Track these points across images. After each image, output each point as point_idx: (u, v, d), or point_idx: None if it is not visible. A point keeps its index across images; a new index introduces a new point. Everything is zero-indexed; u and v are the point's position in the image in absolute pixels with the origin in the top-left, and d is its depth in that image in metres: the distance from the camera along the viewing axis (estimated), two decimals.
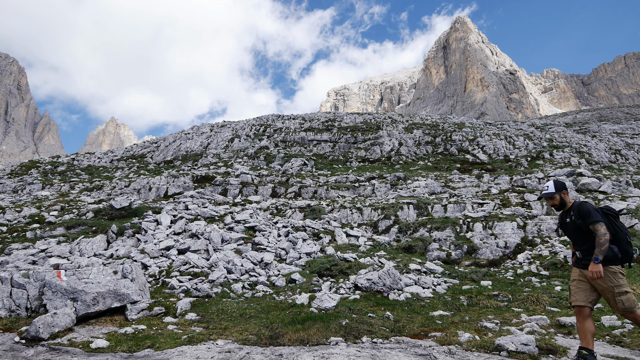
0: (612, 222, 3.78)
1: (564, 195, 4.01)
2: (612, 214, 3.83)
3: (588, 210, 3.75)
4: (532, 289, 7.37)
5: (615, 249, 3.70)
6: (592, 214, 3.72)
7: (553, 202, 4.04)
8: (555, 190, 3.99)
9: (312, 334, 4.80)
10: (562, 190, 4.00)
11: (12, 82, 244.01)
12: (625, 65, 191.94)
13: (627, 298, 3.65)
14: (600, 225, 3.66)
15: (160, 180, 19.99)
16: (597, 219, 3.69)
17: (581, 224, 3.81)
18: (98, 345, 4.41)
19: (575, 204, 3.95)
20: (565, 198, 4.02)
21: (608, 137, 35.49)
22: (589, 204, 3.85)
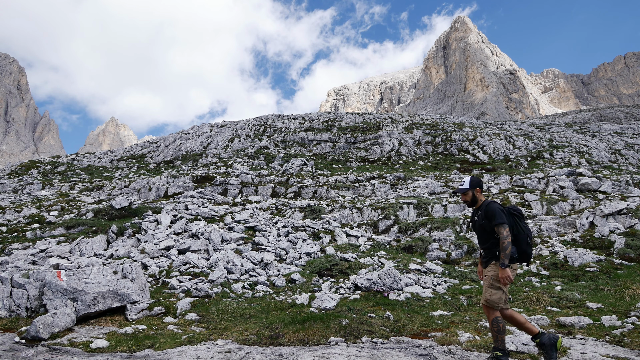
0: (517, 223, 3.85)
1: (477, 192, 4.07)
2: (518, 215, 3.91)
3: (494, 212, 3.80)
4: (532, 289, 7.37)
5: (513, 249, 3.78)
6: (497, 215, 3.77)
7: (465, 198, 4.12)
8: (469, 187, 4.06)
9: (312, 334, 4.80)
10: (476, 187, 4.06)
11: (12, 82, 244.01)
12: (625, 65, 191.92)
13: (496, 293, 3.74)
14: (504, 228, 3.72)
15: (160, 180, 20.00)
16: (501, 221, 3.74)
17: (486, 224, 3.88)
18: (98, 345, 4.41)
19: (484, 203, 4.00)
20: (478, 196, 4.08)
21: (608, 137, 35.49)
22: (496, 204, 3.89)
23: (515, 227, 3.84)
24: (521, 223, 3.87)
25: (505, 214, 3.81)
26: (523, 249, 3.81)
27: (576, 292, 7.05)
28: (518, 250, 3.81)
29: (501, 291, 3.75)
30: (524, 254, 3.83)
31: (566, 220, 11.83)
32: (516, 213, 3.90)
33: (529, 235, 3.85)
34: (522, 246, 3.81)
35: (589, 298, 6.76)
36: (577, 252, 9.11)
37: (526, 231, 3.85)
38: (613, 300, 6.51)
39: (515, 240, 3.81)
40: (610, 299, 6.63)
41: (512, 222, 3.84)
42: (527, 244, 3.82)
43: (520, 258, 3.84)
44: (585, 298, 6.75)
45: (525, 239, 3.82)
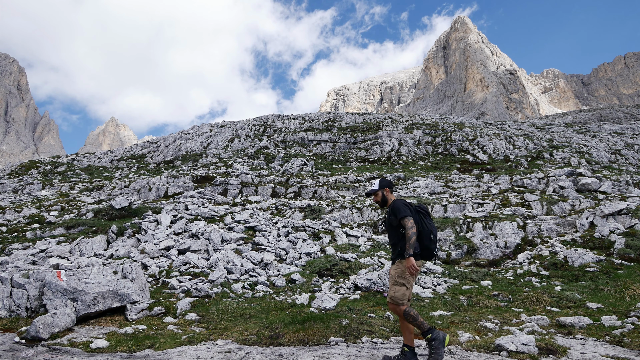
0: (422, 220, 3.91)
1: (386, 192, 4.13)
2: (423, 212, 3.98)
3: (398, 207, 3.88)
4: (532, 289, 7.37)
5: (416, 244, 3.82)
6: (401, 209, 3.84)
7: (376, 199, 4.18)
8: (378, 188, 4.13)
9: (312, 334, 4.80)
10: (385, 187, 4.13)
11: (12, 82, 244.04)
12: (625, 65, 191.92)
13: (400, 289, 3.78)
14: (408, 220, 3.77)
15: (160, 180, 20.00)
16: (405, 214, 3.80)
17: (392, 220, 3.93)
18: (98, 345, 4.41)
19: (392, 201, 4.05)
20: (387, 196, 4.14)
21: (608, 137, 35.49)
22: (402, 201, 3.96)
23: (421, 223, 3.88)
24: (426, 220, 3.94)
25: (410, 210, 3.86)
26: (425, 245, 3.86)
27: (576, 292, 7.05)
28: (421, 246, 3.85)
29: (405, 287, 3.78)
30: (426, 249, 3.87)
31: (566, 221, 11.83)
32: (422, 210, 3.98)
33: (432, 232, 3.89)
34: (424, 242, 3.86)
35: (589, 298, 6.76)
36: (577, 252, 9.11)
37: (430, 228, 3.90)
38: (613, 301, 6.51)
39: (419, 237, 3.85)
40: (610, 299, 6.63)
41: (418, 219, 3.90)
42: (429, 240, 3.86)
43: (422, 254, 3.88)
44: (585, 298, 6.75)
45: (428, 235, 3.86)
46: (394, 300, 3.78)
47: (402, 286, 3.78)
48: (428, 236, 3.86)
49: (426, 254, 3.89)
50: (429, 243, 3.86)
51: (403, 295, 3.77)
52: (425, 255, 3.90)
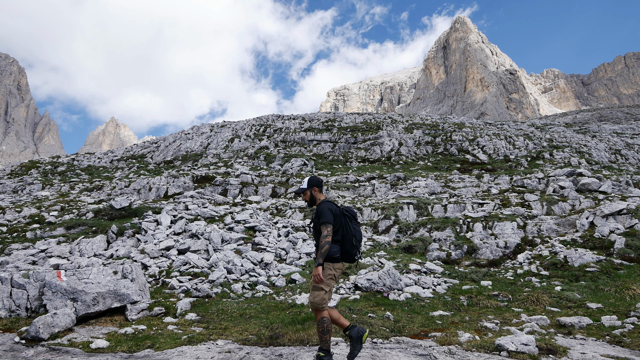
0: (347, 223, 3.90)
1: (315, 192, 4.09)
2: (349, 216, 3.96)
3: (322, 211, 3.85)
4: (532, 289, 7.37)
5: (335, 248, 3.82)
6: (323, 214, 3.81)
7: (305, 198, 4.15)
8: (307, 187, 4.10)
9: (312, 334, 4.80)
10: (313, 187, 4.09)
11: (12, 82, 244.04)
12: (625, 65, 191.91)
13: (318, 294, 3.76)
14: (325, 227, 3.74)
15: (160, 180, 20.00)
16: (325, 220, 3.77)
17: (316, 223, 3.94)
18: (98, 345, 4.41)
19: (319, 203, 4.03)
20: (316, 195, 4.09)
21: (608, 137, 35.49)
22: (328, 204, 3.93)
23: (345, 227, 3.88)
24: (351, 224, 3.92)
25: (334, 214, 3.84)
26: (346, 249, 3.85)
27: (576, 292, 7.05)
28: (342, 249, 3.85)
29: (323, 291, 3.77)
30: (346, 254, 3.87)
31: (566, 221, 11.83)
32: (348, 214, 3.96)
33: (356, 236, 3.89)
34: (345, 246, 3.85)
35: (589, 298, 6.76)
36: (577, 252, 9.11)
37: (353, 232, 3.89)
38: (613, 301, 6.51)
39: (342, 241, 3.85)
40: (610, 299, 6.63)
41: (343, 222, 3.89)
42: (351, 245, 3.85)
43: (343, 257, 3.88)
44: (585, 298, 6.75)
45: (350, 240, 3.86)
46: (314, 306, 3.78)
47: (320, 290, 3.77)
48: (350, 241, 3.86)
49: (347, 257, 3.90)
50: (350, 248, 3.86)
51: (322, 300, 3.76)
52: (346, 259, 3.91)
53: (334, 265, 3.82)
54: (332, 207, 3.90)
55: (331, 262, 3.81)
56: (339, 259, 3.85)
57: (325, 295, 3.76)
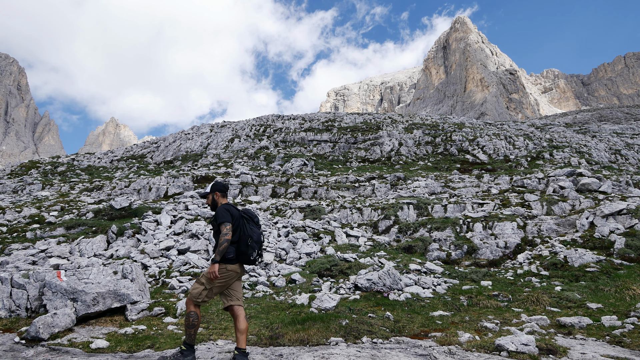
0: (244, 225, 3.97)
1: (216, 196, 4.18)
2: (247, 217, 4.04)
3: (220, 212, 3.93)
4: (532, 289, 7.37)
5: (231, 249, 3.87)
6: (220, 215, 3.89)
7: (207, 202, 4.25)
8: (210, 191, 4.20)
9: (312, 334, 4.80)
10: (215, 191, 4.18)
11: (12, 82, 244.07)
12: (625, 65, 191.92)
13: (197, 288, 3.84)
14: (224, 226, 3.81)
15: (160, 180, 19.99)
16: (222, 220, 3.84)
17: (214, 224, 4.00)
18: (98, 345, 4.41)
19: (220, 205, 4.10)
20: (218, 200, 4.17)
21: (608, 137, 35.49)
22: (226, 206, 4.00)
23: (242, 229, 3.94)
24: (248, 225, 3.99)
25: (231, 215, 3.90)
26: (242, 250, 3.91)
27: (576, 292, 7.05)
28: (237, 251, 3.90)
29: (203, 287, 3.84)
30: (242, 254, 3.92)
31: (566, 221, 11.83)
32: (246, 216, 4.04)
33: (252, 237, 3.95)
34: (241, 247, 3.91)
35: (589, 298, 6.75)
36: (577, 253, 9.11)
37: (250, 234, 3.95)
38: (613, 301, 6.51)
39: (237, 242, 3.91)
40: (611, 299, 6.63)
41: (241, 224, 3.95)
42: (246, 246, 3.91)
43: (238, 258, 3.93)
44: (586, 298, 6.75)
45: (246, 241, 3.92)
46: (189, 296, 3.87)
47: (201, 285, 3.84)
48: (246, 242, 3.92)
49: (243, 259, 3.94)
50: (245, 249, 3.91)
51: (199, 295, 3.82)
52: (242, 260, 3.95)
53: (228, 266, 3.87)
54: (231, 209, 3.99)
55: (225, 262, 3.87)
56: (233, 260, 3.89)
57: (204, 291, 3.83)
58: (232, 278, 3.94)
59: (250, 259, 3.96)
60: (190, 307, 3.84)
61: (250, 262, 3.99)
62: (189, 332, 3.80)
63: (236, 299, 3.96)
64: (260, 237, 4.06)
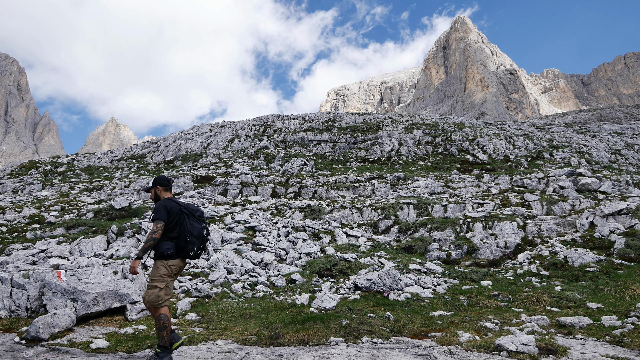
0: (184, 220, 4.00)
1: (159, 190, 4.21)
2: (188, 212, 4.06)
3: (157, 208, 3.96)
4: (532, 289, 7.37)
5: (168, 245, 3.89)
6: (156, 211, 3.92)
7: (151, 196, 4.29)
8: (152, 185, 4.24)
9: (312, 334, 4.80)
10: (157, 185, 4.22)
11: (12, 82, 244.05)
12: (625, 65, 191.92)
13: (153, 293, 3.83)
14: (155, 224, 3.85)
15: None
16: (156, 217, 3.88)
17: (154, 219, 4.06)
18: (98, 345, 4.41)
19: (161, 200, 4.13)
20: (160, 194, 4.21)
21: (608, 137, 35.48)
22: (166, 202, 4.04)
23: (182, 224, 3.97)
24: (189, 221, 4.01)
25: (170, 211, 3.93)
26: (181, 246, 3.93)
27: (576, 292, 7.05)
28: (177, 246, 3.92)
29: (157, 289, 3.83)
30: (181, 250, 3.94)
31: (566, 221, 11.83)
32: (186, 211, 4.05)
33: (192, 232, 3.96)
34: (180, 243, 3.93)
35: (589, 298, 6.75)
36: (577, 252, 9.11)
37: (189, 229, 3.96)
38: (613, 301, 6.51)
39: (177, 237, 3.94)
40: (610, 299, 6.63)
41: (181, 219, 3.99)
42: (185, 242, 3.92)
43: (178, 254, 3.95)
44: (586, 298, 6.75)
45: (185, 236, 3.93)
46: (148, 303, 3.84)
47: (154, 289, 3.83)
48: (185, 237, 3.93)
49: (183, 254, 3.97)
50: (184, 244, 3.92)
51: (157, 297, 3.81)
52: (182, 255, 3.98)
53: (168, 263, 3.89)
54: (171, 204, 4.00)
55: (165, 259, 3.89)
56: (173, 255, 3.91)
57: (160, 292, 3.83)
58: (178, 272, 4.00)
59: (190, 254, 3.97)
60: (157, 311, 3.82)
61: (190, 257, 4.00)
62: (162, 334, 3.79)
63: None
64: (202, 231, 4.07)
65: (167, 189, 4.24)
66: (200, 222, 4.12)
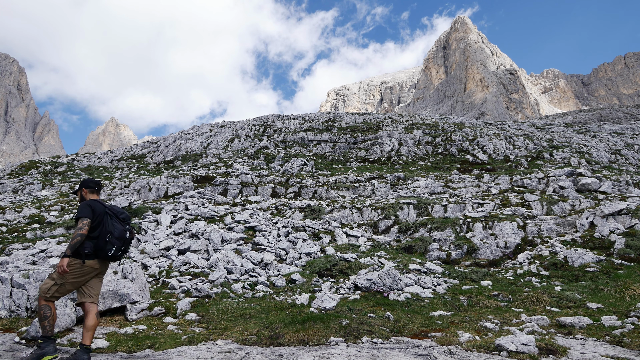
0: (107, 221, 4.02)
1: (84, 192, 4.26)
2: (111, 213, 4.10)
3: (81, 207, 3.99)
4: (532, 289, 7.37)
5: (88, 245, 3.91)
6: (81, 209, 3.96)
7: (79, 199, 4.33)
8: (79, 187, 4.31)
9: (312, 334, 4.80)
10: (82, 188, 4.28)
11: (12, 82, 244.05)
12: (625, 65, 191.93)
13: (47, 283, 3.86)
14: (80, 221, 3.88)
15: (160, 180, 20.00)
16: (79, 215, 3.91)
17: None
18: (98, 345, 4.41)
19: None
20: (85, 195, 4.25)
21: (608, 137, 35.49)
22: (91, 202, 4.07)
23: (104, 225, 3.99)
24: (111, 222, 4.04)
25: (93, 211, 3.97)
26: (100, 246, 3.94)
27: (576, 292, 7.05)
28: (95, 246, 3.93)
29: (53, 282, 3.85)
30: (100, 250, 3.95)
31: (566, 221, 11.83)
32: (110, 212, 4.10)
33: (113, 233, 3.98)
34: (99, 243, 3.94)
35: (589, 298, 6.75)
36: (577, 253, 9.11)
37: (111, 229, 3.99)
38: (613, 301, 6.51)
39: (97, 237, 3.95)
40: (610, 299, 6.63)
41: (104, 220, 4.01)
42: (105, 242, 3.94)
43: (96, 254, 3.96)
44: (585, 298, 6.75)
45: (105, 236, 3.95)
46: (39, 292, 3.89)
47: (52, 280, 3.86)
48: (104, 238, 3.95)
49: (101, 254, 3.98)
50: (104, 245, 3.94)
51: (47, 290, 3.83)
52: (101, 256, 3.98)
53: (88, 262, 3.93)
54: (95, 205, 4.05)
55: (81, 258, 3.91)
56: (91, 255, 3.93)
57: (53, 286, 3.84)
58: (89, 274, 3.97)
59: (109, 255, 3.99)
60: (41, 302, 3.85)
61: (109, 257, 4.01)
62: (43, 324, 3.81)
63: (89, 296, 3.99)
64: (124, 233, 4.10)
65: (93, 192, 4.30)
66: (124, 223, 4.16)
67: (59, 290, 3.86)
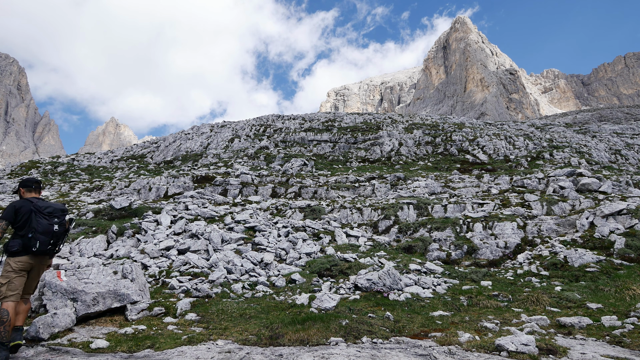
0: (32, 219, 4.17)
1: (22, 192, 4.43)
2: (36, 210, 4.23)
3: (6, 208, 4.17)
4: (532, 289, 7.37)
5: (14, 242, 4.12)
6: (4, 211, 4.14)
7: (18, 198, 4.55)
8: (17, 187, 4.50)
9: (312, 334, 4.80)
10: (20, 187, 4.45)
11: (12, 82, 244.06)
12: (625, 65, 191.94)
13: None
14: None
15: (160, 180, 19.99)
16: (2, 216, 4.11)
17: None
18: (98, 345, 4.41)
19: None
20: (23, 195, 4.42)
21: (608, 137, 35.48)
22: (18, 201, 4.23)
23: (29, 222, 4.15)
24: (35, 218, 4.18)
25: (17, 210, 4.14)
26: (25, 242, 4.12)
27: (576, 292, 7.05)
28: (22, 243, 4.12)
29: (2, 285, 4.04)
30: (26, 246, 4.12)
31: (566, 221, 11.83)
32: (35, 209, 4.23)
33: (36, 229, 4.13)
34: (24, 240, 4.13)
35: (589, 298, 6.75)
36: (577, 253, 9.11)
37: (35, 226, 4.14)
38: (613, 301, 6.51)
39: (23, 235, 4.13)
40: (610, 299, 6.63)
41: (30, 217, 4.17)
42: (28, 238, 4.10)
43: (25, 250, 4.13)
44: (585, 298, 6.75)
45: (26, 233, 4.12)
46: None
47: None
48: (26, 235, 4.12)
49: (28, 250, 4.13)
50: (27, 241, 4.11)
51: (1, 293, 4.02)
52: (29, 252, 4.14)
53: (15, 259, 4.11)
54: (22, 204, 4.21)
55: (11, 256, 4.10)
56: (19, 252, 4.12)
57: (2, 287, 4.03)
58: (26, 270, 4.17)
59: (34, 250, 4.12)
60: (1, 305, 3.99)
61: (36, 252, 4.15)
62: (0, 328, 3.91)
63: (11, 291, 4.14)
64: (50, 227, 4.24)
65: (31, 190, 4.44)
66: (50, 218, 4.27)
67: (9, 288, 4.03)
